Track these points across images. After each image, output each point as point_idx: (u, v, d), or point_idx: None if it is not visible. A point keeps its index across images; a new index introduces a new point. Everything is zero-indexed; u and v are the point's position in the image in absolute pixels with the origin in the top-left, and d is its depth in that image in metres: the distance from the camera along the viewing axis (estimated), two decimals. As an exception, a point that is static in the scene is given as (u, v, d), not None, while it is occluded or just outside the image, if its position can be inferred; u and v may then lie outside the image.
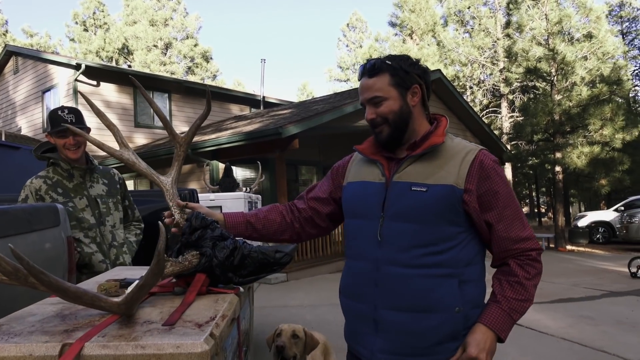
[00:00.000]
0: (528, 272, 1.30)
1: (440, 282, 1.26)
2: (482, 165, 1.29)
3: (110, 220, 2.44)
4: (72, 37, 30.70)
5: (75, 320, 1.02)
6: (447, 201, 1.26)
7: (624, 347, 4.25)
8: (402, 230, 1.29)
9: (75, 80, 12.51)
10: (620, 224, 12.98)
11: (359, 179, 1.43)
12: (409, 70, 1.35)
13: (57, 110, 2.30)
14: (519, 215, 1.32)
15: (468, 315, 1.28)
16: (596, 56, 13.95)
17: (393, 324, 1.29)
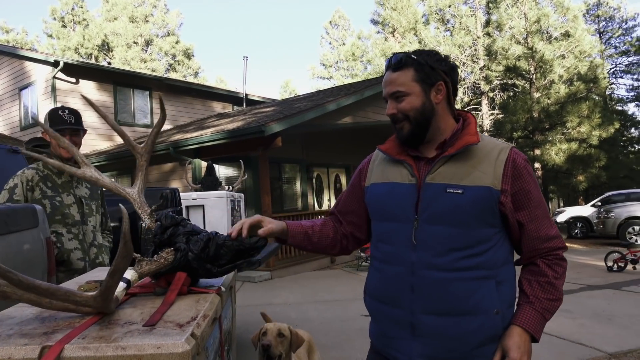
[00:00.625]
0: (556, 272, 1.31)
1: (479, 284, 1.25)
2: (515, 164, 1.27)
3: (92, 221, 2.52)
4: (49, 34, 30.06)
5: (54, 322, 1.02)
6: (485, 203, 1.24)
7: (601, 340, 4.36)
8: (438, 233, 1.26)
9: (53, 78, 12.27)
10: (598, 219, 13.27)
11: (385, 180, 1.38)
12: (435, 66, 1.31)
13: (58, 110, 2.39)
14: (547, 215, 1.33)
15: (505, 315, 1.28)
16: (573, 55, 14.23)
17: (432, 329, 1.26)
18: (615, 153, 19.92)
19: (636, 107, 28.96)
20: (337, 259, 9.97)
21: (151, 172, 10.52)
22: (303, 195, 10.96)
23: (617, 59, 28.47)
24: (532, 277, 1.33)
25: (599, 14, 28.46)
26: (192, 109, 15.41)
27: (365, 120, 11.17)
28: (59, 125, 2.33)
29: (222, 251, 1.28)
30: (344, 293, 6.95)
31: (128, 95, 13.83)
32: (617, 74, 28.75)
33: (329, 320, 5.32)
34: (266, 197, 8.48)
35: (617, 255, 8.07)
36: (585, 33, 15.07)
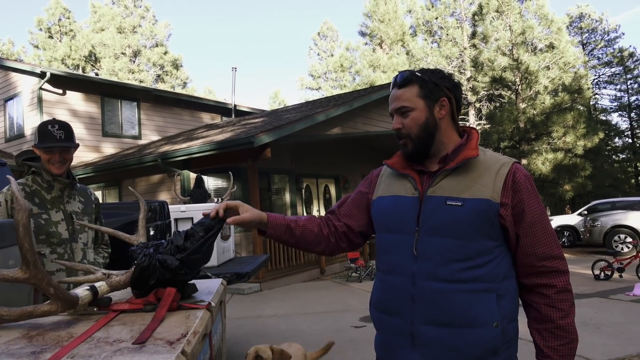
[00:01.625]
0: (562, 310, 1.28)
1: (479, 297, 1.26)
2: (515, 179, 1.29)
3: (83, 238, 2.41)
4: (36, 44, 29.84)
5: (42, 341, 1.00)
6: (483, 215, 1.26)
7: (589, 348, 4.39)
8: (438, 245, 1.29)
9: (39, 89, 12.16)
10: (584, 227, 13.41)
11: (390, 194, 1.42)
12: (438, 82, 1.37)
13: (47, 125, 2.26)
14: (549, 233, 1.30)
15: (506, 329, 1.27)
16: (558, 66, 14.48)
17: (431, 339, 1.28)
18: (600, 162, 20.22)
19: (620, 117, 29.49)
20: (327, 269, 9.95)
21: (139, 183, 10.44)
22: (292, 206, 10.94)
23: (600, 70, 29.08)
24: (539, 325, 1.31)
25: (582, 26, 29.07)
26: (181, 120, 15.36)
27: (354, 131, 11.22)
28: (48, 142, 2.23)
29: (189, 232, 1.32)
30: (334, 304, 6.93)
31: (116, 106, 13.75)
32: (600, 84, 29.34)
33: (319, 332, 5.29)
34: (256, 208, 8.44)
35: (604, 264, 8.15)
36: (569, 45, 15.36)
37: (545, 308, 1.29)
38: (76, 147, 2.34)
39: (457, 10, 21.82)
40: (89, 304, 1.21)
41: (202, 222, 1.34)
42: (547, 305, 1.29)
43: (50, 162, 2.26)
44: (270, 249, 8.57)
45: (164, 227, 3.73)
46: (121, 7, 29.66)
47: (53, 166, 2.27)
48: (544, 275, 1.30)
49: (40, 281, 1.03)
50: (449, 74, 1.41)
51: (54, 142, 2.23)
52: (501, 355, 1.27)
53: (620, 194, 19.58)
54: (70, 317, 1.19)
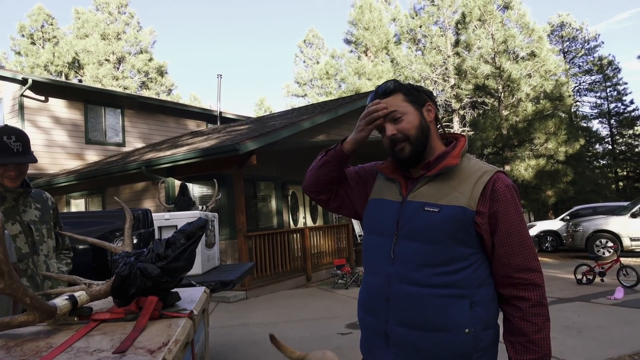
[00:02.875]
0: (535, 324, 1.27)
1: (451, 302, 1.27)
2: (494, 187, 1.30)
3: (44, 249, 2.20)
4: (18, 51, 29.44)
5: (21, 351, 0.99)
6: (458, 222, 1.27)
7: (571, 352, 4.45)
8: (414, 249, 1.31)
9: (21, 96, 11.99)
10: (567, 232, 13.61)
11: (379, 197, 1.47)
12: (419, 89, 1.41)
13: (3, 136, 2.01)
14: (526, 245, 1.30)
15: (479, 336, 1.27)
16: (539, 74, 14.74)
17: (404, 340, 1.31)
18: (581, 168, 20.58)
19: (600, 123, 30.09)
20: (313, 276, 9.93)
21: (123, 191, 10.33)
22: (278, 213, 10.92)
23: (580, 78, 29.66)
24: (513, 338, 1.31)
25: (562, 34, 29.66)
26: (166, 127, 15.26)
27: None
28: (4, 155, 1.99)
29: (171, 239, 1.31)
30: (320, 311, 6.92)
31: (99, 113, 13.62)
32: (581, 92, 29.92)
33: (306, 340, 5.28)
34: (241, 216, 8.42)
35: (585, 268, 8.27)
36: (550, 53, 15.65)
37: (518, 321, 1.29)
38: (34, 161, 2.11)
39: (441, 19, 22.12)
40: (68, 313, 1.20)
41: (184, 230, 1.34)
42: (521, 319, 1.29)
43: (4, 176, 2.04)
44: (256, 256, 8.53)
45: (147, 235, 3.70)
46: (105, 13, 29.45)
47: (7, 180, 2.05)
48: (519, 287, 1.30)
49: (16, 291, 1.02)
50: (421, 86, 1.49)
51: (10, 156, 2.00)
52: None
53: (601, 199, 19.91)
54: (50, 327, 1.18)
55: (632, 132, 28.52)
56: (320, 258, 10.44)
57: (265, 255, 8.79)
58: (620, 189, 28.26)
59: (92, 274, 2.56)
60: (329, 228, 10.97)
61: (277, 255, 9.12)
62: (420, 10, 23.10)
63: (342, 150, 1.52)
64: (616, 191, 26.93)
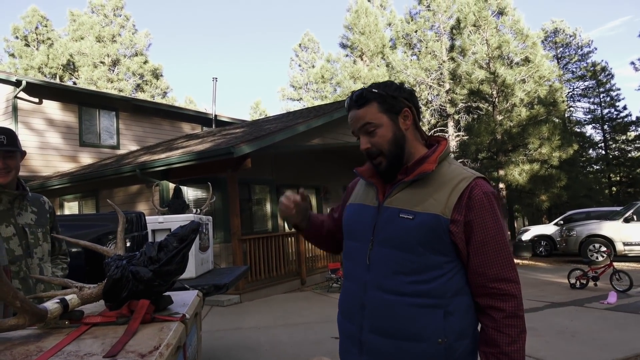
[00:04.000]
0: (509, 335, 1.24)
1: (424, 312, 1.24)
2: (471, 195, 1.26)
3: (38, 252, 2.20)
4: (11, 52, 29.30)
5: (10, 355, 0.98)
6: (432, 230, 1.24)
7: (565, 356, 4.47)
8: (388, 256, 1.28)
9: (14, 97, 11.93)
10: (560, 237, 13.66)
11: (357, 201, 1.45)
12: (395, 95, 1.34)
13: None
14: (502, 254, 1.26)
15: (452, 346, 1.25)
16: (533, 79, 14.83)
17: (376, 348, 1.29)
18: (575, 173, 20.70)
19: (593, 129, 30.30)
20: (308, 280, 9.92)
21: (117, 194, 10.28)
22: (273, 217, 10.90)
23: (574, 84, 29.89)
24: (486, 348, 1.27)
25: (556, 40, 29.89)
26: (160, 130, 15.23)
27: (335, 141, 11.28)
28: None
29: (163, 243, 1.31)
30: (314, 315, 6.90)
31: (94, 115, 13.56)
32: (574, 97, 30.15)
33: (299, 344, 5.26)
34: (235, 219, 8.40)
35: (579, 273, 8.30)
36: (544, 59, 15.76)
37: (492, 332, 1.26)
38: (22, 155, 2.13)
39: (436, 24, 22.24)
40: (59, 317, 1.19)
41: (176, 233, 1.34)
42: (494, 329, 1.25)
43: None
44: (250, 260, 8.51)
45: (140, 238, 3.68)
46: (100, 15, 29.39)
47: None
48: (494, 297, 1.26)
49: (6, 294, 1.01)
50: (401, 84, 1.40)
51: None
52: None
53: (595, 204, 20.03)
54: (41, 330, 1.17)
55: (625, 137, 28.74)
56: (315, 262, 10.43)
57: (259, 258, 8.77)
58: (613, 194, 28.44)
59: (84, 278, 2.54)
60: (324, 232, 10.95)
61: (272, 258, 9.09)
62: (415, 15, 23.21)
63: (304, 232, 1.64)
64: (609, 196, 27.10)
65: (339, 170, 12.14)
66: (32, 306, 1.09)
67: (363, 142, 1.36)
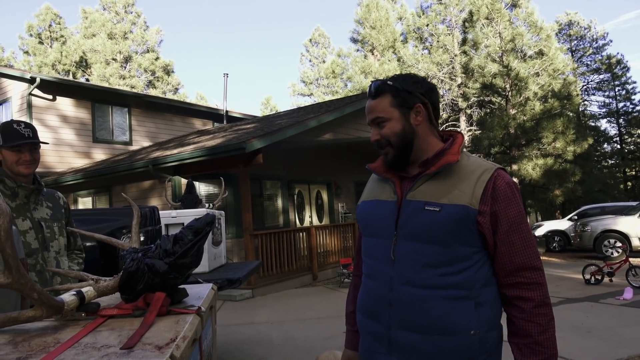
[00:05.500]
0: (540, 325, 1.24)
1: (456, 304, 1.24)
2: (495, 186, 1.27)
3: (54, 246, 2.24)
4: (26, 50, 29.66)
5: (28, 346, 0.98)
6: (460, 221, 1.25)
7: (580, 352, 4.42)
8: (415, 250, 1.28)
9: (29, 94, 12.07)
10: (574, 232, 13.51)
11: (372, 198, 1.44)
12: (411, 89, 1.35)
13: (12, 124, 2.11)
14: (527, 243, 1.27)
15: (485, 338, 1.25)
16: (547, 72, 14.63)
17: (408, 345, 1.27)
18: (589, 168, 20.42)
19: (608, 123, 29.86)
20: (319, 275, 9.93)
21: (130, 189, 10.37)
22: (284, 212, 10.92)
23: (589, 77, 29.46)
24: (518, 340, 1.28)
25: (570, 33, 29.47)
26: (172, 126, 15.31)
27: (346, 136, 11.25)
28: (16, 139, 2.07)
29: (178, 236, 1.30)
30: (326, 310, 6.91)
31: (106, 112, 13.68)
32: (589, 91, 29.72)
33: (311, 339, 5.27)
34: (247, 214, 8.43)
35: (594, 268, 8.21)
36: (558, 52, 15.53)
37: (522, 322, 1.26)
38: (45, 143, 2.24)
39: (448, 17, 22.03)
40: (76, 309, 1.19)
41: (191, 226, 1.33)
42: (525, 320, 1.26)
43: (18, 162, 2.10)
44: (262, 255, 8.53)
45: (154, 232, 3.70)
46: (112, 13, 29.61)
47: (22, 166, 2.10)
48: (521, 287, 1.27)
49: (24, 286, 1.02)
50: (422, 78, 1.41)
51: (23, 139, 2.08)
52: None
53: (610, 199, 19.76)
54: (58, 322, 1.17)
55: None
56: (327, 257, 10.43)
57: (271, 253, 8.79)
58: (628, 189, 28.05)
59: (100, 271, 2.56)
60: (335, 227, 10.96)
61: (284, 254, 9.11)
62: (427, 9, 23.01)
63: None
64: (624, 191, 26.73)
65: (350, 166, 12.11)
66: (49, 298, 1.09)
67: (374, 133, 1.39)
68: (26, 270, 1.96)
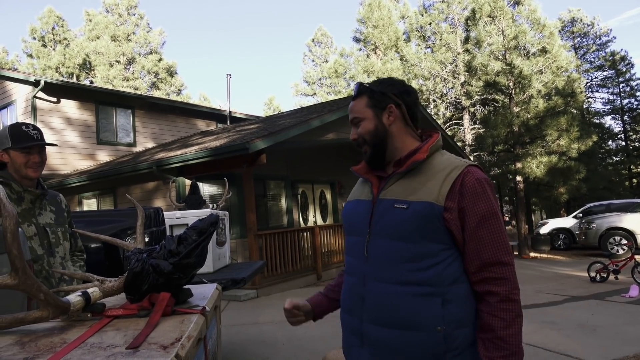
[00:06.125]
0: (503, 320, 1.24)
1: (422, 300, 1.26)
2: (463, 182, 1.29)
3: (60, 251, 2.22)
4: (29, 53, 29.81)
5: (35, 347, 0.99)
6: (426, 218, 1.27)
7: (586, 350, 4.40)
8: (385, 247, 1.32)
9: (33, 97, 12.14)
10: (579, 230, 13.46)
11: (354, 198, 1.51)
12: (385, 91, 1.42)
13: (21, 126, 2.10)
14: (496, 238, 1.28)
15: (452, 335, 1.25)
16: (551, 70, 14.56)
17: (377, 339, 1.31)
18: (594, 165, 20.30)
19: (612, 120, 29.71)
20: (324, 275, 9.93)
21: (134, 191, 10.40)
22: (288, 212, 10.93)
23: (592, 74, 29.29)
24: (482, 334, 1.28)
25: (574, 30, 29.32)
26: (176, 127, 15.35)
27: (349, 136, 11.23)
28: (25, 142, 2.06)
29: (182, 236, 1.32)
30: (330, 310, 6.90)
31: (110, 114, 13.74)
32: (593, 88, 29.56)
33: (316, 339, 5.27)
34: (251, 215, 8.44)
35: (599, 266, 8.18)
36: (562, 49, 15.44)
37: (487, 317, 1.26)
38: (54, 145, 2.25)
39: (450, 16, 21.99)
40: (82, 309, 1.20)
41: (195, 226, 1.34)
42: (489, 314, 1.26)
43: (27, 165, 2.08)
44: (266, 255, 8.55)
45: (159, 233, 3.72)
46: (115, 15, 29.70)
47: (30, 169, 2.09)
48: (489, 282, 1.27)
49: (30, 287, 1.03)
50: (400, 81, 1.47)
51: (32, 140, 2.07)
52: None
53: (615, 196, 19.67)
54: (64, 323, 1.18)
55: (646, 128, 28.12)
56: (331, 257, 10.43)
57: (275, 253, 8.80)
58: (634, 186, 27.89)
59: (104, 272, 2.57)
60: (339, 227, 10.95)
61: (288, 253, 9.12)
62: (429, 7, 22.98)
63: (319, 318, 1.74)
64: (630, 188, 26.57)
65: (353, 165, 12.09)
66: (56, 299, 1.10)
67: (352, 133, 1.48)
68: (32, 272, 1.98)
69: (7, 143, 2.07)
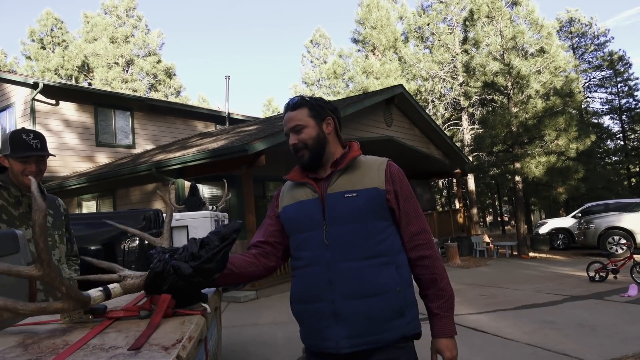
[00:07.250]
0: (440, 275, 1.59)
1: (382, 268, 1.52)
2: (390, 171, 1.61)
3: (56, 254, 2.24)
4: (28, 55, 29.79)
5: (38, 349, 1.00)
6: (375, 200, 1.55)
7: (585, 350, 4.41)
8: (344, 231, 1.53)
9: (32, 99, 12.14)
10: (578, 230, 13.48)
11: (294, 201, 1.66)
12: (323, 105, 1.68)
13: (22, 134, 2.10)
14: (418, 212, 1.62)
15: (406, 292, 1.54)
16: (549, 70, 14.59)
17: (351, 311, 1.49)
18: (592, 165, 20.35)
19: (611, 119, 29.76)
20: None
21: (133, 193, 10.40)
22: (288, 213, 10.93)
23: (590, 74, 29.36)
24: (427, 290, 1.61)
25: (572, 30, 29.39)
26: (175, 129, 15.36)
27: (348, 136, 11.22)
28: (24, 151, 2.06)
29: (205, 240, 1.33)
30: (330, 311, 6.91)
31: (109, 115, 13.74)
32: (591, 87, 29.63)
33: (316, 339, 5.28)
34: (251, 216, 8.45)
35: (598, 266, 8.19)
36: (560, 49, 15.48)
37: (428, 276, 1.59)
38: (48, 156, 2.19)
39: (449, 16, 22.02)
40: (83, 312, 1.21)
41: (218, 231, 1.35)
42: (430, 273, 1.59)
43: (24, 173, 2.08)
44: (266, 256, 8.54)
45: (158, 235, 3.73)
46: (113, 17, 29.70)
47: (27, 178, 2.08)
48: (421, 248, 1.59)
49: (54, 280, 1.05)
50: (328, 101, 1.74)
51: (30, 151, 2.07)
52: (407, 317, 1.53)
53: (614, 195, 19.69)
54: (66, 325, 1.19)
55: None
56: (330, 257, 10.42)
57: (275, 255, 8.79)
58: (632, 185, 27.95)
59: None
60: (339, 227, 10.95)
61: (287, 255, 9.11)
62: (427, 8, 23.01)
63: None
64: (628, 187, 26.62)
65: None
66: (77, 292, 1.12)
67: (292, 138, 1.66)
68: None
69: (6, 149, 2.09)
